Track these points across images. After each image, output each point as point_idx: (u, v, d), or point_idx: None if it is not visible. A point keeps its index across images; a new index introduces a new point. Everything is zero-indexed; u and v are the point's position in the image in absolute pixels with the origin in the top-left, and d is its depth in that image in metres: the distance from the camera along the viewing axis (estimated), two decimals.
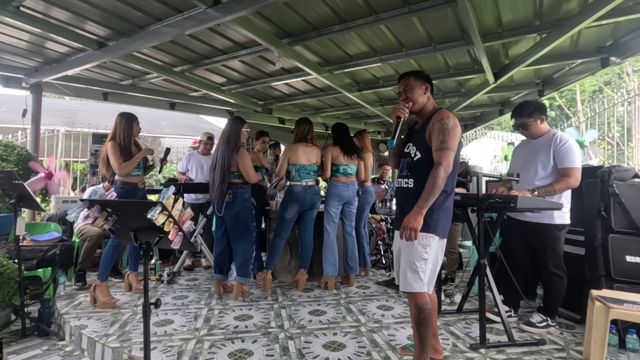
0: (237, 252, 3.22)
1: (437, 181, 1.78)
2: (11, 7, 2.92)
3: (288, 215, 3.48)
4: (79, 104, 10.38)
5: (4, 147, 4.00)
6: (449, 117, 1.88)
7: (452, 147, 1.83)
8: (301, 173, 3.47)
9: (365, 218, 4.11)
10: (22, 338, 2.66)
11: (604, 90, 12.76)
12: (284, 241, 3.56)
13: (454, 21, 3.19)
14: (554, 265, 2.54)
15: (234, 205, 3.15)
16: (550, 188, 2.41)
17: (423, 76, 2.03)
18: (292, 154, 3.47)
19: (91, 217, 1.73)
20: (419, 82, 2.00)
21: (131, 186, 3.17)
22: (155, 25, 3.27)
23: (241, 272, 3.19)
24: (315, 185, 3.54)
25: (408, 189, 1.94)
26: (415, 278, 1.86)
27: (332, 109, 6.56)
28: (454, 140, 1.84)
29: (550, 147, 2.51)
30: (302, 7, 3.02)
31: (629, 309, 1.93)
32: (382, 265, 4.57)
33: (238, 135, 3.18)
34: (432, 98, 2.05)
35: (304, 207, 3.49)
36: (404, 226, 1.79)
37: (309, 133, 3.53)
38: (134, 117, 3.24)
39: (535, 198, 2.34)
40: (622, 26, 3.34)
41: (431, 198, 1.79)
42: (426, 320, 1.88)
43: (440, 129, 1.85)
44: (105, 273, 3.08)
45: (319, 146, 3.61)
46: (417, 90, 1.99)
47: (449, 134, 1.83)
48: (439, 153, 1.83)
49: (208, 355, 2.20)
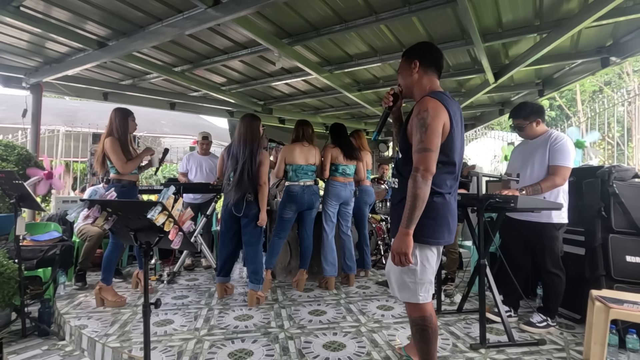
0: (249, 259, 3.16)
1: (415, 192, 1.52)
2: (11, 7, 2.91)
3: (286, 215, 3.48)
4: (79, 103, 10.37)
5: (4, 147, 3.99)
6: (426, 108, 1.55)
7: (430, 148, 1.53)
8: (298, 173, 3.47)
9: (366, 218, 4.11)
10: (22, 338, 2.66)
11: (604, 90, 12.76)
12: (283, 241, 3.56)
13: (454, 21, 3.19)
14: (552, 265, 2.54)
15: (254, 205, 3.07)
16: (537, 187, 2.42)
17: (413, 50, 1.73)
18: (289, 154, 3.48)
19: (91, 217, 1.73)
20: (406, 59, 1.72)
21: (131, 185, 3.16)
22: (155, 25, 3.27)
23: (254, 279, 3.11)
24: (313, 185, 3.54)
25: (394, 189, 1.79)
26: (404, 288, 1.68)
27: (332, 109, 6.55)
28: (433, 139, 1.54)
29: (546, 146, 2.52)
30: (302, 7, 3.02)
31: (629, 309, 1.93)
32: (382, 265, 4.58)
33: (259, 135, 3.14)
34: (427, 77, 1.70)
35: (302, 207, 3.49)
36: (392, 252, 1.59)
37: (305, 133, 3.54)
38: (129, 112, 3.20)
39: (536, 198, 2.34)
40: (622, 26, 3.34)
41: (415, 213, 1.52)
42: (419, 335, 1.70)
43: (417, 125, 1.56)
44: (110, 276, 3.06)
45: (317, 146, 3.61)
46: (403, 72, 1.72)
47: (427, 132, 1.53)
48: (416, 156, 1.56)
49: (208, 355, 2.20)
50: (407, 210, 1.54)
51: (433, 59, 1.72)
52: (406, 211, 1.54)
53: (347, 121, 7.27)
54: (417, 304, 1.68)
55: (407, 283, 1.67)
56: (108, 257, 3.07)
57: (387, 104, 1.78)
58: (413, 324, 1.73)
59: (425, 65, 1.70)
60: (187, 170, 4.50)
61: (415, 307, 1.70)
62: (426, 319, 1.69)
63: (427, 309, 1.70)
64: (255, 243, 3.16)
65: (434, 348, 1.72)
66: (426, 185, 1.53)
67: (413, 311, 1.71)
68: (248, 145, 3.04)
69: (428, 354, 1.71)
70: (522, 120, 2.63)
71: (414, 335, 1.75)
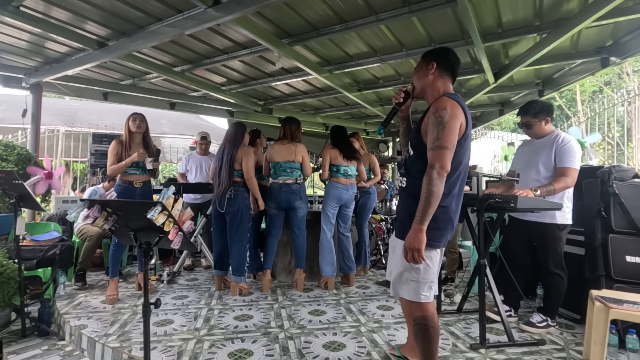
0: (233, 253, 3.33)
1: (431, 188, 1.53)
2: (11, 7, 2.92)
3: (271, 212, 3.55)
4: (79, 103, 10.37)
5: (4, 147, 3.99)
6: (445, 107, 1.58)
7: (447, 146, 1.55)
8: (277, 170, 3.50)
9: (367, 217, 4.14)
10: (22, 338, 2.66)
11: (604, 91, 12.76)
12: (276, 239, 3.58)
13: (454, 21, 3.19)
14: (555, 265, 2.54)
15: (235, 202, 3.25)
16: (551, 187, 2.41)
17: (433, 52, 1.77)
18: (270, 152, 3.55)
19: (91, 217, 1.73)
20: (424, 60, 1.75)
21: (127, 184, 3.22)
22: (155, 25, 3.27)
23: (236, 272, 3.32)
24: (293, 183, 3.45)
25: (402, 187, 1.79)
26: (406, 287, 1.71)
27: (332, 109, 6.55)
28: (450, 137, 1.55)
29: (552, 147, 2.52)
30: (302, 7, 3.02)
31: (629, 309, 1.93)
32: (382, 265, 4.58)
33: (242, 136, 3.38)
34: (442, 79, 1.73)
35: (281, 205, 3.48)
36: (405, 249, 1.58)
37: (287, 131, 3.55)
38: (132, 113, 3.30)
39: (536, 198, 2.34)
40: (622, 26, 3.34)
41: (429, 209, 1.53)
42: (420, 334, 1.71)
43: (435, 122, 1.58)
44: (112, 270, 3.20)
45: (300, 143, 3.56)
46: (419, 71, 1.76)
47: (444, 129, 1.55)
48: (431, 153, 1.57)
49: (208, 355, 2.20)
50: (421, 207, 1.54)
51: (450, 63, 1.76)
52: (420, 207, 1.55)
53: (347, 121, 7.27)
54: (419, 303, 1.69)
55: (410, 281, 1.69)
56: (111, 252, 3.22)
57: (397, 100, 1.80)
58: (415, 323, 1.73)
59: (442, 68, 1.73)
60: (186, 171, 4.50)
61: (417, 306, 1.71)
62: (428, 318, 1.70)
63: (429, 308, 1.71)
64: (239, 240, 3.30)
65: (436, 348, 1.72)
66: (441, 183, 1.54)
67: (415, 310, 1.72)
68: (228, 147, 3.30)
69: (429, 354, 1.71)
70: (531, 118, 2.61)
71: (415, 334, 1.75)
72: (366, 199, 4.09)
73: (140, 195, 3.25)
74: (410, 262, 1.59)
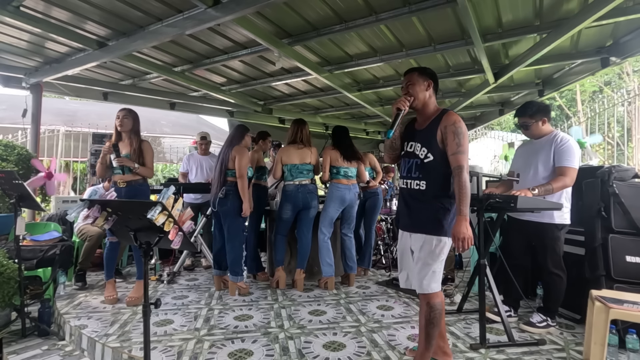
0: (228, 252, 3.36)
1: (466, 184, 1.85)
2: (11, 7, 2.91)
3: (285, 215, 3.53)
4: (79, 103, 10.37)
5: (4, 147, 3.99)
6: (460, 120, 1.94)
7: (467, 151, 1.91)
8: (293, 172, 3.51)
9: (375, 218, 4.17)
10: (22, 338, 2.66)
11: (604, 91, 12.76)
12: (286, 238, 3.63)
13: (454, 21, 3.19)
14: (554, 265, 2.54)
15: (226, 202, 3.27)
16: (549, 187, 2.42)
17: (427, 73, 2.04)
18: (284, 154, 3.55)
19: (91, 217, 1.73)
20: (422, 78, 2.01)
21: (114, 184, 3.19)
22: (155, 25, 3.27)
23: (232, 272, 3.34)
24: (309, 184, 3.55)
25: (419, 190, 1.96)
26: (435, 279, 1.91)
27: (332, 109, 6.55)
28: (467, 144, 1.92)
29: (551, 147, 2.52)
30: (302, 7, 3.02)
31: (629, 309, 1.93)
32: (382, 265, 4.57)
33: (240, 137, 3.41)
34: (434, 97, 2.06)
35: (298, 206, 3.51)
36: (458, 239, 1.81)
37: (301, 135, 3.58)
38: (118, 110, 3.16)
39: (535, 198, 2.34)
40: (622, 26, 3.34)
41: (467, 202, 1.83)
42: (436, 320, 1.93)
43: (455, 132, 1.90)
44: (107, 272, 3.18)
45: (312, 147, 3.63)
46: (418, 86, 2.00)
47: (463, 138, 1.90)
48: (456, 157, 1.88)
49: (208, 355, 2.20)
50: (461, 200, 1.83)
51: (437, 86, 2.07)
52: (461, 201, 1.83)
53: (347, 121, 7.27)
54: (437, 292, 1.93)
55: (435, 273, 1.91)
56: (105, 254, 3.20)
57: (404, 106, 1.96)
58: (434, 310, 1.92)
59: (434, 88, 2.04)
60: (187, 171, 4.51)
61: (437, 295, 1.93)
62: (442, 302, 1.96)
63: (440, 293, 1.96)
64: (233, 238, 3.32)
65: (440, 329, 1.99)
66: (468, 179, 1.87)
67: (435, 298, 1.93)
68: (225, 147, 3.37)
69: (434, 337, 1.95)
70: (528, 119, 2.63)
71: (431, 322, 1.93)
72: (375, 200, 4.13)
73: (125, 195, 3.06)
74: (464, 250, 1.82)
